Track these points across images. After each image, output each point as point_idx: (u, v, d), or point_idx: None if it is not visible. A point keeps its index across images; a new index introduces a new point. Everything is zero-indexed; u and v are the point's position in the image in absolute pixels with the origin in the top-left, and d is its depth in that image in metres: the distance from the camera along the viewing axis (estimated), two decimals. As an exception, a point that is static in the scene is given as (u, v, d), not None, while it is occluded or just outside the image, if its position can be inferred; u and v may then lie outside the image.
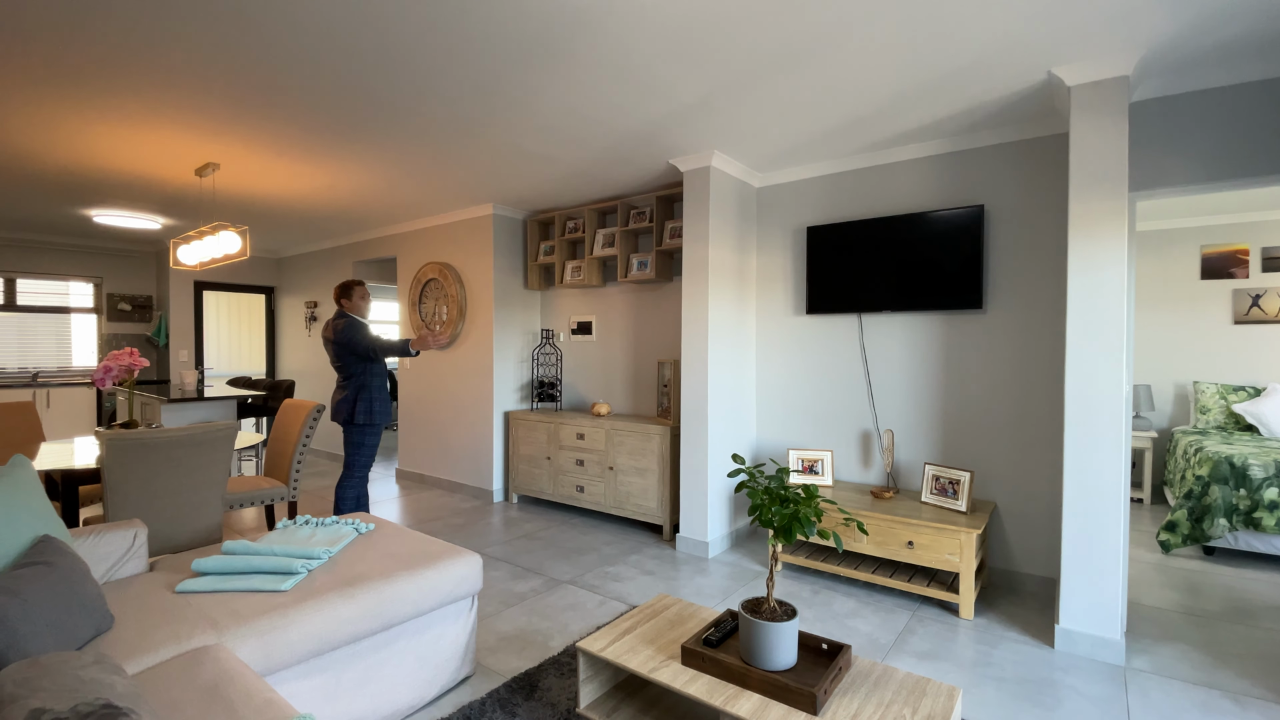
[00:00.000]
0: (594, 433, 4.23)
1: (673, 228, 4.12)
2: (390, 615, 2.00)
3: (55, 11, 2.10)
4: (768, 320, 3.99)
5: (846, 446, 3.68)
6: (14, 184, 4.28)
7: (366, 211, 5.15)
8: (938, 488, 3.13)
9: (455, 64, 2.47)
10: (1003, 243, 3.18)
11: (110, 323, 6.84)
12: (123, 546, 2.10)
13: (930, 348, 3.40)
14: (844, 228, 3.58)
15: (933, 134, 3.21)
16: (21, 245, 6.24)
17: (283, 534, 2.39)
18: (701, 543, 3.61)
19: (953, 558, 2.82)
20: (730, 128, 3.15)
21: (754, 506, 1.64)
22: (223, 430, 2.78)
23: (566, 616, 2.80)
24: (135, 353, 3.27)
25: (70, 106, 2.91)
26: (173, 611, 1.78)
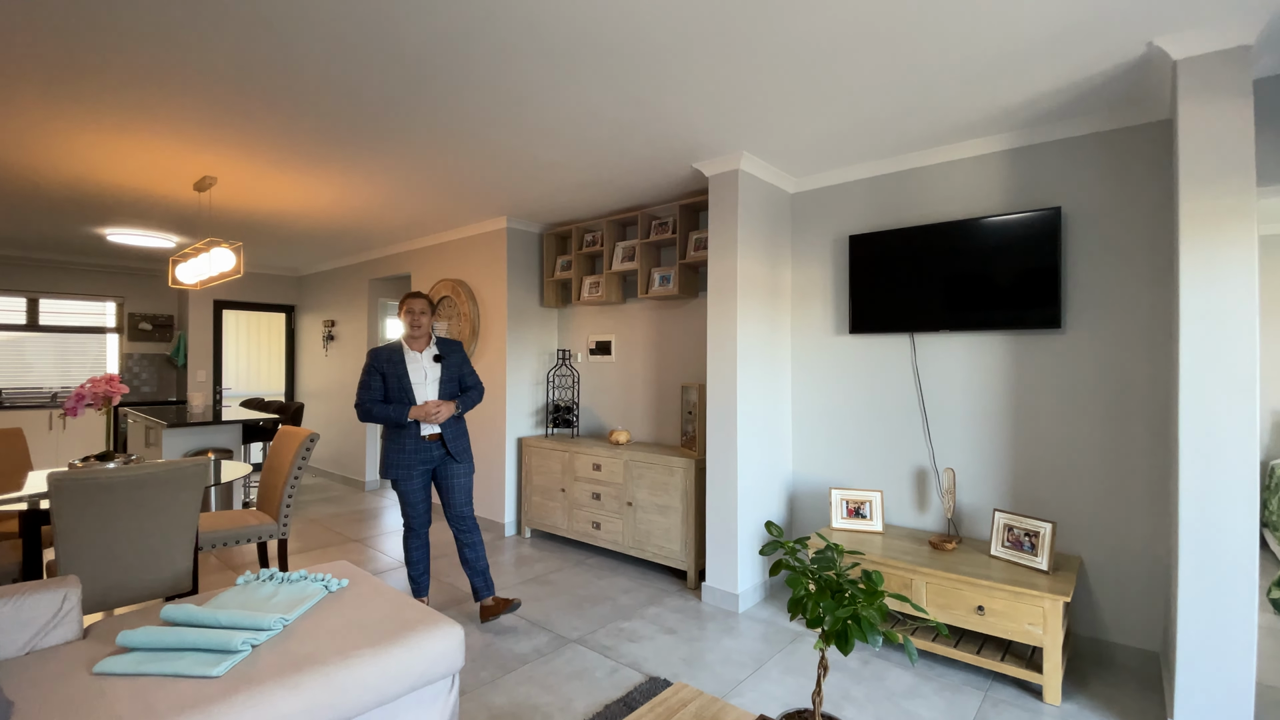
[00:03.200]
0: (611, 464, 3.84)
1: (697, 239, 3.75)
2: (345, 707, 1.64)
3: (49, 18, 1.86)
4: (805, 341, 3.56)
5: (898, 486, 3.22)
6: (23, 202, 4.16)
7: (379, 228, 4.92)
8: (1011, 540, 2.64)
9: (460, 62, 2.16)
10: (1085, 251, 2.72)
11: (131, 342, 6.78)
12: (49, 610, 1.80)
13: (997, 373, 2.93)
14: (893, 236, 3.16)
15: (998, 126, 2.77)
16: (43, 265, 6.22)
17: (240, 592, 2.06)
18: (730, 594, 3.17)
19: (1034, 629, 2.33)
20: (760, 124, 2.77)
21: (795, 600, 1.23)
22: (191, 468, 2.49)
23: (571, 688, 2.41)
24: (115, 379, 3.03)
25: (65, 117, 2.70)
26: (79, 702, 1.46)
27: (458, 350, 3.10)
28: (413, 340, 2.99)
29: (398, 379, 2.91)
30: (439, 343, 3.06)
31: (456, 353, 3.08)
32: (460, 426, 3.05)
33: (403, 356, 2.95)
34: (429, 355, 2.99)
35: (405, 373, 2.91)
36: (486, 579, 3.01)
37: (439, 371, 2.98)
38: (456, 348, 3.10)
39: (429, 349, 3.01)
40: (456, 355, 3.07)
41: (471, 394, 3.08)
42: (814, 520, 3.54)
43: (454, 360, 3.05)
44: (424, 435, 2.93)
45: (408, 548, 3.04)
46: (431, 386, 2.96)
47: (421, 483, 2.97)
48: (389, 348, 2.97)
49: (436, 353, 3.01)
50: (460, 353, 3.11)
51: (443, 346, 3.05)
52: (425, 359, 2.97)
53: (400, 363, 2.93)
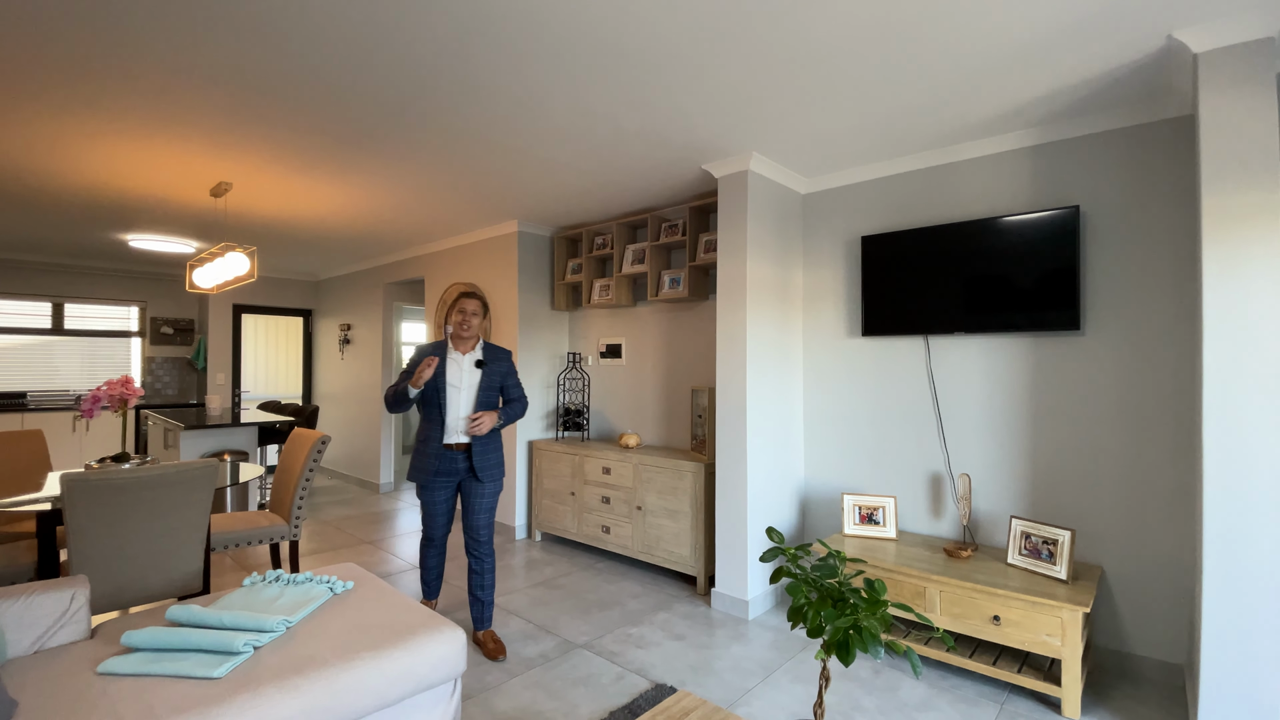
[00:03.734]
0: (621, 467, 3.82)
1: (707, 241, 3.72)
2: (345, 710, 1.63)
3: (68, 28, 1.89)
4: (816, 343, 3.51)
5: (912, 492, 3.15)
6: (47, 208, 4.25)
7: (393, 232, 4.96)
8: (1029, 548, 2.57)
9: (466, 66, 2.16)
10: (1104, 250, 2.64)
11: (153, 345, 6.91)
12: (57, 610, 1.82)
13: (1014, 376, 2.86)
14: (906, 236, 3.10)
15: (1014, 123, 2.71)
16: (67, 270, 6.36)
17: (246, 594, 2.07)
18: (740, 601, 3.13)
19: (1052, 640, 2.26)
20: (770, 125, 2.74)
21: (795, 608, 1.19)
22: (201, 470, 2.51)
23: (576, 694, 2.38)
24: (131, 382, 3.08)
25: (84, 124, 2.75)
26: (81, 702, 1.47)
27: (505, 359, 2.87)
28: (459, 341, 2.78)
29: (434, 379, 2.72)
30: (486, 349, 2.84)
31: (503, 361, 2.86)
32: (493, 441, 2.81)
33: (445, 356, 2.76)
34: (470, 360, 2.77)
35: (442, 372, 2.71)
36: (486, 609, 2.78)
37: (478, 378, 2.75)
38: (504, 356, 2.88)
39: (473, 353, 2.79)
40: (503, 364, 2.85)
41: (514, 407, 2.83)
42: (827, 526, 3.48)
43: (498, 369, 2.82)
44: (447, 443, 2.72)
45: (424, 554, 2.93)
46: (466, 393, 2.74)
47: (444, 494, 2.78)
48: (434, 346, 2.79)
49: (479, 358, 2.78)
50: (508, 362, 2.87)
51: (489, 353, 2.83)
52: (466, 362, 2.75)
53: (440, 361, 2.74)
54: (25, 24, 1.98)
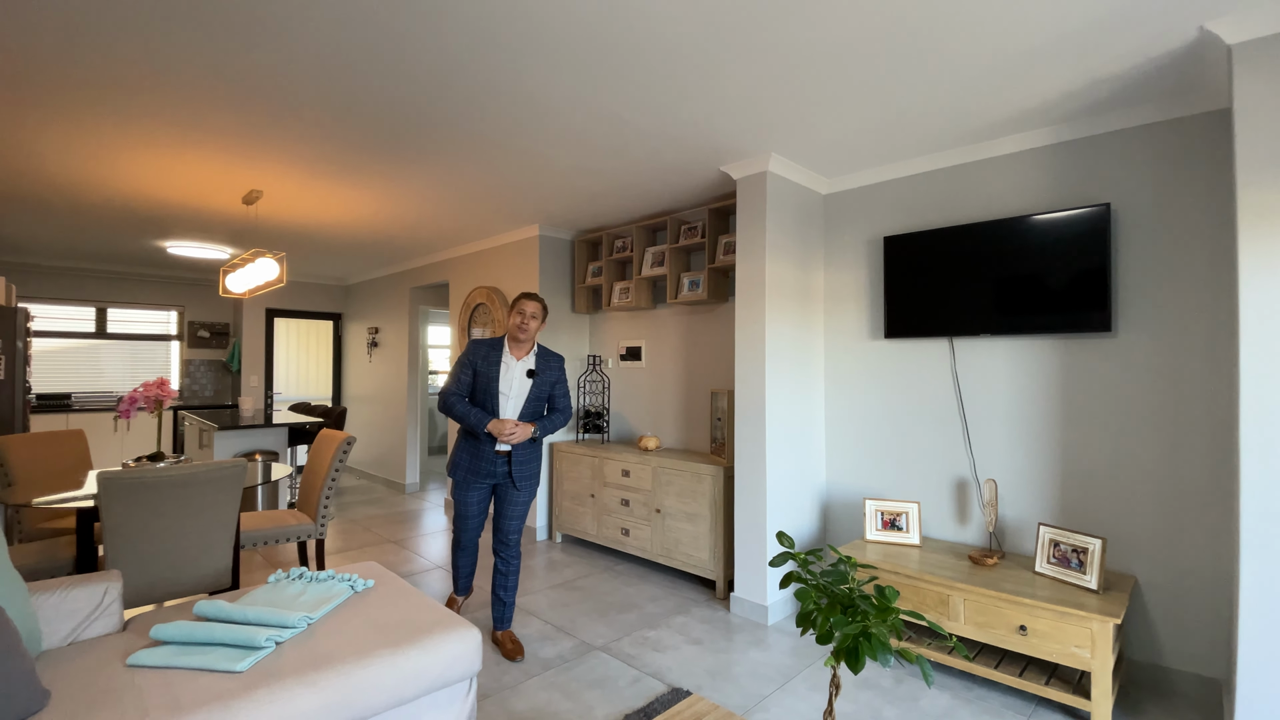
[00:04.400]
0: (640, 470, 3.82)
1: (727, 243, 3.70)
2: (362, 707, 1.66)
3: (101, 40, 1.98)
4: (838, 345, 3.47)
5: (937, 497, 3.09)
6: (90, 216, 4.43)
7: (417, 237, 5.05)
8: (1057, 556, 2.50)
9: (483, 70, 2.19)
10: (1136, 248, 2.56)
11: (191, 349, 7.14)
12: (91, 603, 1.89)
13: (1043, 379, 2.78)
14: (930, 237, 3.05)
15: (1041, 119, 2.65)
16: (110, 276, 6.62)
17: (270, 590, 2.12)
18: (760, 606, 3.10)
19: (1081, 651, 2.19)
20: (788, 125, 2.72)
21: (804, 613, 1.18)
22: (230, 469, 2.59)
23: (592, 696, 2.39)
24: (166, 383, 3.18)
25: (122, 135, 2.87)
26: (110, 693, 1.52)
27: (557, 367, 2.82)
28: (515, 344, 2.74)
29: (487, 381, 2.68)
30: (540, 354, 2.79)
31: (554, 370, 2.81)
32: (533, 450, 2.80)
33: (500, 358, 2.71)
34: (523, 367, 2.73)
35: (496, 377, 2.68)
36: (507, 610, 2.79)
37: (528, 388, 2.73)
38: (557, 364, 2.82)
39: (527, 360, 2.75)
40: (553, 373, 2.80)
41: (555, 417, 2.80)
42: (848, 532, 3.43)
43: (548, 378, 2.78)
44: (497, 450, 2.73)
45: (455, 560, 2.95)
46: (515, 401, 2.71)
47: (479, 496, 2.77)
48: (490, 344, 2.74)
49: (532, 367, 2.74)
50: (559, 370, 2.83)
51: (541, 362, 2.78)
52: (519, 370, 2.72)
53: (495, 364, 2.70)
54: (63, 37, 2.07)
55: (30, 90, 2.43)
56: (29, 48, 2.11)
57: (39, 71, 2.27)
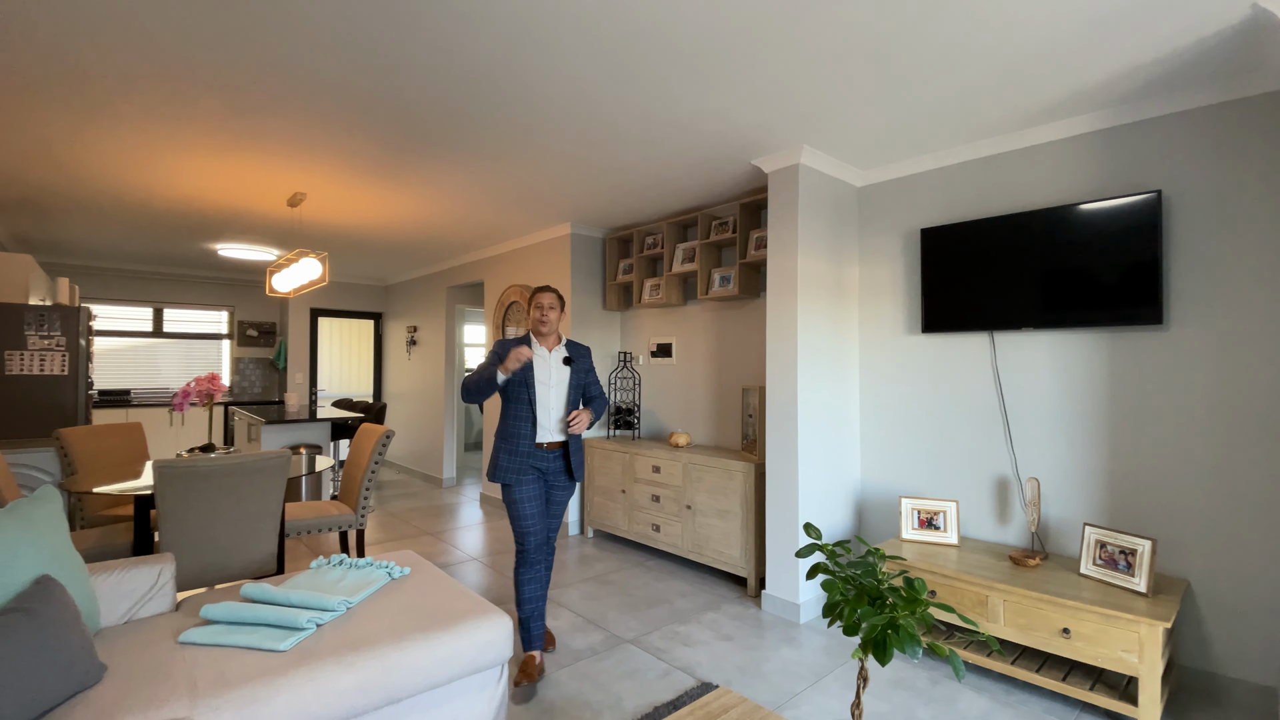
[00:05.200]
0: (670, 466, 3.82)
1: (758, 238, 3.67)
2: (396, 688, 1.71)
3: (151, 49, 2.10)
4: (873, 341, 3.41)
5: (976, 496, 3.01)
6: (145, 221, 4.66)
7: (453, 237, 5.15)
8: (1104, 557, 2.40)
9: (514, 70, 2.23)
10: (1190, 237, 2.44)
11: (240, 347, 7.43)
12: (146, 584, 1.99)
13: (1089, 374, 2.68)
14: (969, 228, 2.97)
15: (1087, 104, 2.55)
16: (166, 278, 6.94)
17: (312, 575, 2.20)
18: (791, 604, 3.07)
19: (1129, 656, 2.11)
20: (821, 116, 2.68)
21: (830, 604, 1.17)
22: (274, 459, 2.69)
23: (622, 688, 2.40)
24: (216, 378, 3.33)
25: (172, 141, 3.01)
26: (162, 668, 1.60)
27: (586, 356, 2.75)
28: (541, 337, 2.65)
29: (522, 372, 2.56)
30: (569, 345, 2.72)
31: (585, 358, 2.73)
32: (580, 438, 2.71)
33: (532, 350, 2.62)
34: (558, 356, 2.65)
35: (531, 367, 2.57)
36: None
37: (567, 375, 2.63)
38: (585, 353, 2.75)
39: (559, 349, 2.67)
40: (584, 361, 2.72)
41: (598, 404, 2.72)
42: (884, 530, 3.36)
43: (582, 365, 2.70)
44: (540, 442, 2.57)
45: (519, 581, 2.54)
46: (558, 390, 2.60)
47: (533, 490, 2.55)
48: (518, 339, 2.62)
49: (566, 355, 2.67)
50: (588, 359, 2.75)
51: (572, 349, 2.71)
52: (554, 359, 2.63)
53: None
54: (117, 45, 2.18)
55: (87, 99, 2.57)
56: (86, 60, 2.23)
57: (95, 82, 2.40)
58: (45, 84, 2.43)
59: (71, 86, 2.45)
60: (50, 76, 2.37)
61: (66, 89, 2.48)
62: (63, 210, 4.33)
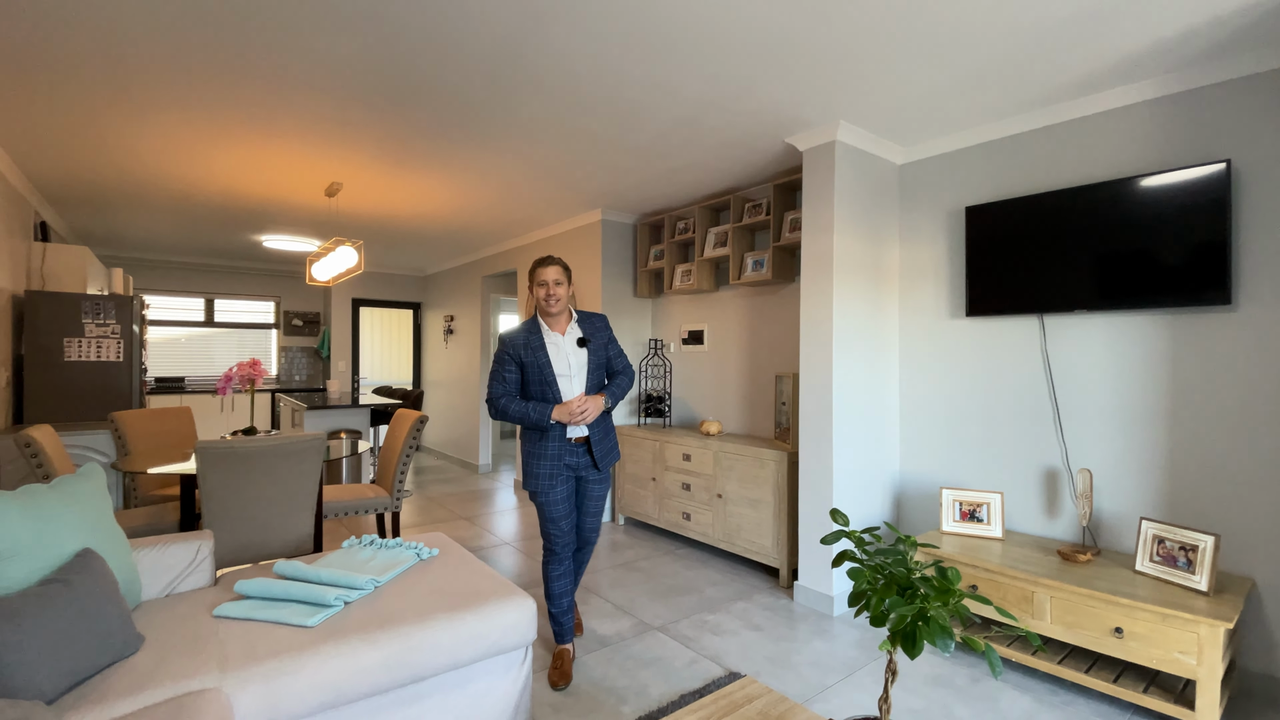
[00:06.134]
0: (701, 454, 3.77)
1: (793, 219, 3.57)
2: (420, 666, 1.72)
3: (186, 35, 2.15)
4: (914, 325, 3.28)
5: (1023, 488, 2.87)
6: (192, 214, 4.82)
7: (487, 226, 5.18)
8: (1162, 554, 2.26)
9: (542, 46, 2.20)
10: (1261, 210, 2.25)
11: (286, 336, 7.67)
12: (186, 559, 2.05)
13: (1148, 359, 2.51)
14: (1017, 205, 2.81)
15: (1147, 68, 2.37)
16: (216, 270, 7.20)
17: (344, 555, 2.24)
18: (825, 596, 2.99)
19: (1186, 658, 1.97)
20: (859, 89, 2.57)
21: (857, 592, 1.11)
22: (310, 442, 2.75)
23: (647, 675, 2.38)
24: (258, 364, 3.42)
25: (210, 130, 3.10)
26: (196, 640, 1.64)
27: (603, 327, 2.46)
28: (549, 318, 2.38)
29: (538, 370, 2.32)
30: (581, 319, 2.43)
31: (602, 331, 2.45)
32: (607, 424, 2.44)
33: (542, 341, 2.35)
34: (571, 339, 2.38)
35: (547, 362, 2.32)
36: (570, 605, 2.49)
37: (585, 358, 2.38)
38: (601, 324, 2.47)
39: (571, 329, 2.39)
40: (602, 334, 2.44)
41: (620, 380, 2.45)
42: (923, 523, 3.25)
43: (600, 341, 2.43)
44: (571, 438, 2.37)
45: (548, 576, 2.44)
46: (578, 378, 2.35)
47: (565, 492, 2.38)
48: (525, 329, 2.37)
49: (580, 335, 2.40)
50: (606, 329, 2.47)
51: (586, 325, 2.43)
52: (569, 344, 2.37)
53: (540, 349, 2.33)
54: (158, 31, 2.23)
55: (134, 92, 2.64)
56: (132, 54, 2.29)
57: (139, 74, 2.47)
58: (95, 79, 2.52)
59: (119, 80, 2.53)
60: (99, 71, 2.45)
61: (115, 83, 2.56)
62: (116, 204, 4.51)
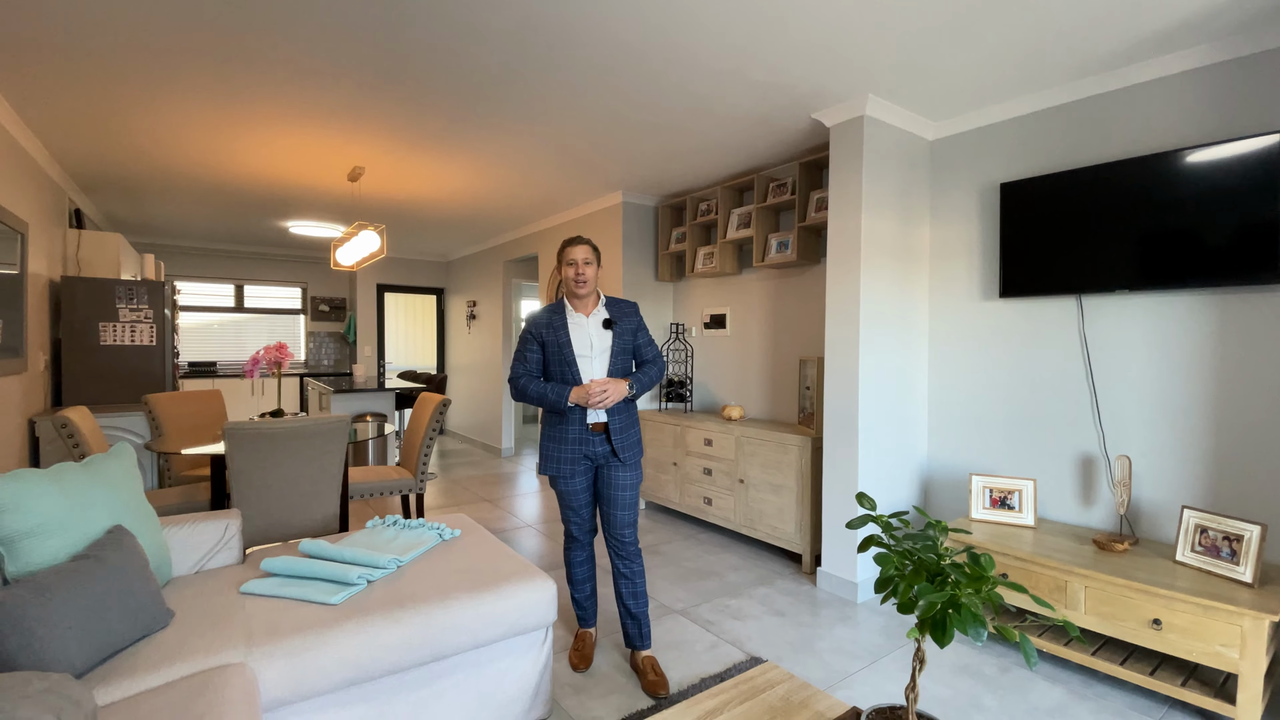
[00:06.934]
0: (723, 439, 3.73)
1: (819, 199, 3.48)
2: (441, 644, 1.73)
3: (209, 16, 2.15)
4: (945, 307, 3.18)
5: (1056, 474, 2.78)
6: (220, 201, 4.89)
7: (508, 211, 5.16)
8: (1204, 544, 2.16)
9: (561, 20, 2.15)
10: (1326, 183, 2.12)
11: (313, 321, 7.79)
12: (214, 537, 2.09)
13: (1193, 340, 2.40)
14: (1056, 181, 2.69)
15: (1194, 35, 2.23)
16: (245, 257, 7.32)
17: (367, 535, 2.26)
18: (849, 583, 2.95)
19: (1228, 651, 1.89)
20: (890, 60, 2.47)
21: (884, 578, 1.07)
22: (335, 424, 2.78)
23: (668, 657, 2.37)
24: (284, 347, 3.46)
25: (232, 115, 3.12)
26: (223, 616, 1.67)
27: (633, 313, 2.37)
28: (577, 300, 2.30)
29: (558, 349, 2.25)
30: (609, 304, 2.35)
31: (631, 316, 2.35)
32: (630, 415, 2.31)
33: (565, 321, 2.27)
34: (596, 320, 2.29)
35: (567, 341, 2.24)
36: (643, 626, 2.30)
37: (609, 341, 2.28)
38: (631, 310, 2.37)
39: (597, 311, 2.31)
40: (631, 320, 2.35)
41: (650, 369, 2.32)
42: (951, 510, 3.17)
43: (628, 326, 2.33)
44: (590, 423, 2.26)
45: (569, 562, 2.42)
46: (599, 360, 2.26)
47: (585, 482, 2.31)
48: (549, 310, 2.32)
49: (606, 316, 2.31)
50: (636, 316, 2.37)
51: (614, 309, 2.34)
52: (592, 325, 2.28)
53: (562, 329, 2.26)
54: (192, 22, 2.23)
55: (167, 81, 2.66)
56: (159, 37, 2.30)
57: (174, 60, 2.48)
58: (127, 69, 2.54)
59: (149, 70, 2.55)
60: (131, 61, 2.47)
61: (145, 73, 2.58)
62: (146, 191, 4.59)
